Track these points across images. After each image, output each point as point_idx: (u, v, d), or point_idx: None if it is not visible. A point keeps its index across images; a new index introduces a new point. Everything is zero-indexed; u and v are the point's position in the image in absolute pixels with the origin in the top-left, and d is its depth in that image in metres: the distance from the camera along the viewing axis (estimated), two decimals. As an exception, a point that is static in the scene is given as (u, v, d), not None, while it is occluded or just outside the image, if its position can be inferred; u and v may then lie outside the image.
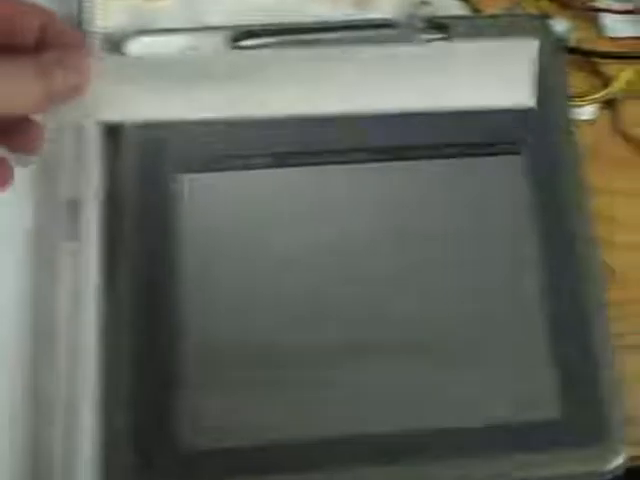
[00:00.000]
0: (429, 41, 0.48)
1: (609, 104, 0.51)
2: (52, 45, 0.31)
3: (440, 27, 0.48)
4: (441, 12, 0.50)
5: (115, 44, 0.47)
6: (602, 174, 0.48)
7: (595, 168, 0.47)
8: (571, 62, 0.51)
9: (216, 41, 0.47)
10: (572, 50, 0.51)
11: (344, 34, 0.48)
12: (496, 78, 0.33)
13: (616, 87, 0.50)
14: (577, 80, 0.51)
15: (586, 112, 0.51)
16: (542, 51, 0.46)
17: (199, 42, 0.47)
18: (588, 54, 0.52)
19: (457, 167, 0.45)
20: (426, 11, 0.49)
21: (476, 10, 0.52)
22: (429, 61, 0.33)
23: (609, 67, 0.52)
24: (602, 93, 0.50)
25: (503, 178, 0.45)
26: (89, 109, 0.32)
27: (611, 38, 0.53)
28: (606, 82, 0.51)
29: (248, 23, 0.48)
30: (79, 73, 0.31)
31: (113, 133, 0.44)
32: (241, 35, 0.47)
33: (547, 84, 0.45)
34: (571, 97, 0.49)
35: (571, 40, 0.51)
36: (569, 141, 0.46)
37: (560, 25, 0.50)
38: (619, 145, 0.51)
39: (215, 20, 0.51)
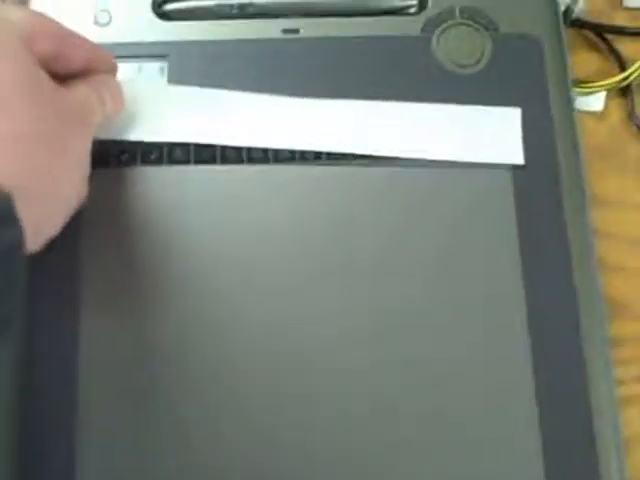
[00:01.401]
0: (402, 9, 0.40)
1: (623, 92, 0.44)
2: (94, 71, 0.33)
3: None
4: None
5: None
6: (612, 181, 0.41)
7: (603, 174, 0.41)
8: (577, 38, 0.44)
9: (136, 4, 0.39)
10: (579, 23, 0.43)
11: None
12: (487, 138, 0.37)
13: (633, 71, 0.43)
14: (584, 61, 0.44)
15: (594, 102, 0.43)
16: (542, 24, 0.39)
17: (116, 4, 0.39)
18: (599, 29, 0.44)
19: (439, 178, 0.37)
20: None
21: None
22: (430, 119, 0.37)
23: (625, 45, 0.44)
24: (615, 79, 0.43)
25: (485, 190, 0.37)
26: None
27: (629, 9, 0.45)
28: (621, 64, 0.44)
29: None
30: (118, 98, 0.34)
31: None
32: (162, -3, 0.39)
33: (544, 65, 0.38)
34: (575, 83, 0.41)
35: (578, 11, 0.43)
36: (569, 140, 0.38)
37: None
38: (634, 144, 0.42)
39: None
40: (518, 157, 0.37)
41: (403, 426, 0.34)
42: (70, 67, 0.32)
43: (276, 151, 0.36)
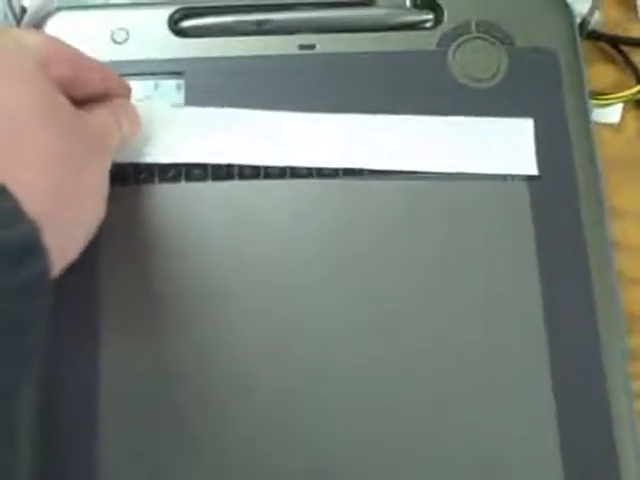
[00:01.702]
0: (418, 23, 0.39)
1: (639, 104, 0.43)
2: (110, 94, 0.33)
3: (432, 6, 0.40)
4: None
5: (37, 22, 0.39)
6: (629, 192, 0.41)
7: (620, 185, 0.40)
8: (594, 50, 0.44)
9: (153, 22, 0.39)
10: (595, 35, 0.43)
11: (308, 13, 0.39)
12: (499, 149, 0.37)
13: (651, 83, 0.42)
14: (600, 73, 0.43)
15: (610, 114, 0.43)
16: (558, 37, 0.39)
17: (133, 22, 0.39)
18: (615, 41, 0.44)
19: (450, 190, 0.37)
20: (414, -14, 0.40)
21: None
22: (442, 132, 0.37)
23: (643, 57, 0.44)
24: (632, 90, 0.42)
25: (502, 201, 0.37)
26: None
27: (646, 21, 0.45)
28: (637, 76, 0.44)
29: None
30: (134, 120, 0.34)
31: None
32: (181, 15, 0.39)
33: (560, 78, 0.38)
34: (592, 95, 0.40)
35: (594, 23, 0.42)
36: (587, 152, 0.37)
37: (581, 3, 0.42)
38: (653, 156, 0.42)
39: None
40: (532, 168, 0.37)
41: (417, 429, 0.33)
42: (87, 91, 0.32)
43: (293, 167, 0.36)
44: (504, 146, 0.37)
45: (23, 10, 0.42)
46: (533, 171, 0.37)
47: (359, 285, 0.35)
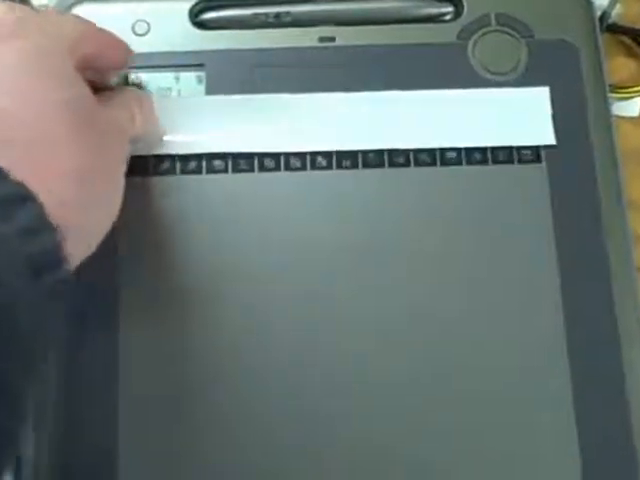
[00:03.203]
0: (437, 16, 0.39)
1: (659, 97, 0.43)
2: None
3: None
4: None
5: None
6: None
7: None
8: (614, 43, 0.43)
9: (174, 14, 0.39)
10: (615, 28, 0.43)
11: (327, 6, 0.39)
12: (516, 119, 0.37)
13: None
14: (619, 66, 0.43)
15: (630, 107, 0.43)
16: (578, 30, 0.38)
17: (154, 14, 0.39)
18: (637, 33, 0.44)
19: (468, 176, 0.37)
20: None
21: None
22: (458, 105, 0.37)
23: (663, 51, 0.44)
24: None
25: (520, 191, 0.36)
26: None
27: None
28: None
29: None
30: (149, 115, 0.35)
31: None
32: (201, 7, 0.39)
33: (580, 71, 0.37)
34: (611, 88, 0.40)
35: (615, 16, 0.42)
36: (606, 145, 0.37)
37: None
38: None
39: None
40: (549, 137, 0.37)
41: (438, 435, 0.34)
42: (109, 66, 0.32)
43: (314, 158, 0.36)
44: (520, 116, 0.37)
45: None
46: (550, 140, 0.37)
47: (382, 275, 0.35)
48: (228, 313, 0.35)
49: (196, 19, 0.39)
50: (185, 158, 0.36)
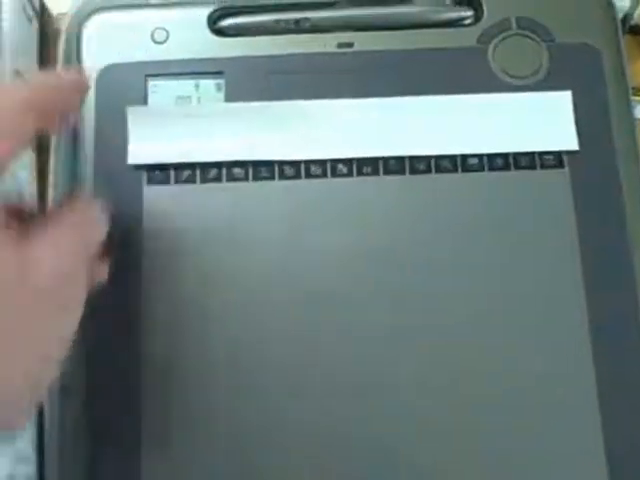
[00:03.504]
0: (456, 20, 0.38)
1: (682, 99, 0.42)
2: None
3: (471, 3, 0.39)
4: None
5: (79, 21, 0.39)
6: None
7: None
8: (636, 45, 0.42)
9: (193, 21, 0.39)
10: (637, 29, 0.42)
11: (346, 12, 0.39)
12: (539, 124, 0.37)
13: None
14: None
15: None
16: (600, 33, 0.38)
17: (173, 21, 0.39)
18: None
19: (489, 181, 0.36)
20: (453, -19, 0.39)
21: (517, -20, 0.42)
22: (479, 110, 0.37)
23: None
24: None
25: (543, 197, 0.36)
26: None
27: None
28: None
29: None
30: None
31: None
32: (219, 15, 0.39)
33: (602, 74, 0.37)
34: (635, 91, 0.39)
35: (637, 17, 0.42)
36: (630, 149, 0.37)
37: None
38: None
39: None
40: (572, 142, 0.36)
41: (464, 442, 0.34)
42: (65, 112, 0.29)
43: (334, 166, 0.36)
44: (543, 121, 0.37)
45: (42, 5, 0.43)
46: (574, 146, 0.36)
47: (404, 281, 0.35)
48: (250, 319, 0.35)
49: (215, 26, 0.39)
50: (205, 166, 0.36)
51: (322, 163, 0.36)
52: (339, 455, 0.33)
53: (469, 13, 0.39)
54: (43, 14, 0.42)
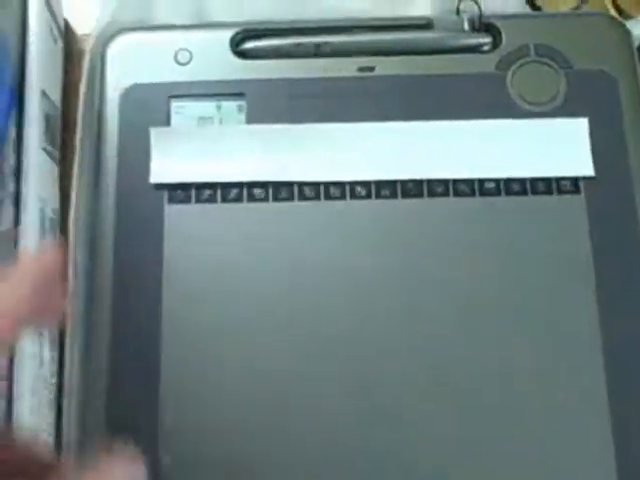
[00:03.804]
0: (475, 46, 0.39)
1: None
2: None
3: (489, 30, 0.40)
4: (491, 7, 0.40)
5: (103, 42, 0.39)
6: None
7: None
8: None
9: (215, 43, 0.40)
10: None
11: (367, 37, 0.39)
12: (555, 150, 0.37)
13: None
14: None
15: None
16: (616, 60, 0.38)
17: (196, 43, 0.39)
18: None
19: (506, 206, 0.37)
20: (472, 8, 0.40)
21: (535, 7, 0.43)
22: (497, 135, 0.37)
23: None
24: None
25: (559, 222, 0.36)
26: None
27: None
28: None
29: (252, 20, 0.40)
30: None
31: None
32: (241, 37, 0.39)
33: (619, 101, 0.37)
34: None
35: None
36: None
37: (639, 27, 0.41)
38: None
39: (218, 11, 0.43)
40: (588, 168, 0.37)
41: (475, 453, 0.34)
42: None
43: (353, 188, 0.37)
44: (559, 147, 0.37)
45: (67, 25, 0.43)
46: (589, 172, 0.37)
47: (421, 303, 0.35)
48: (266, 336, 0.35)
49: (237, 49, 0.39)
50: (226, 186, 0.37)
51: (341, 185, 0.37)
52: (346, 469, 0.34)
53: (488, 40, 0.39)
54: (67, 34, 0.43)
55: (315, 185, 0.37)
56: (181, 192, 0.37)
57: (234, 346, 0.35)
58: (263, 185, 0.37)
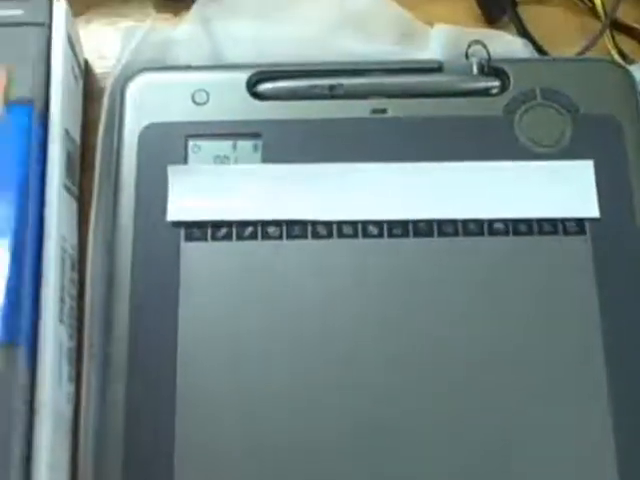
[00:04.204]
0: (483, 90, 0.40)
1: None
2: None
3: (497, 73, 0.41)
4: (499, 52, 0.42)
5: (123, 82, 0.41)
6: None
7: None
8: None
9: (232, 84, 0.41)
10: None
11: (379, 79, 0.40)
12: (560, 192, 0.38)
13: None
14: None
15: None
16: (620, 103, 0.40)
17: (213, 84, 0.40)
18: None
19: (514, 246, 0.38)
20: (480, 52, 0.41)
21: (542, 52, 0.44)
22: (505, 176, 0.38)
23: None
24: None
25: (565, 262, 0.37)
26: None
27: None
28: None
29: (268, 62, 0.41)
30: None
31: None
32: (257, 79, 0.41)
33: (624, 144, 0.39)
34: None
35: None
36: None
37: None
38: None
39: (235, 53, 0.44)
40: (593, 210, 0.38)
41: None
42: None
43: (365, 227, 0.38)
44: (566, 189, 0.38)
45: (87, 64, 0.45)
46: (595, 213, 0.37)
47: (431, 339, 0.36)
48: (281, 373, 0.36)
49: (253, 90, 0.40)
50: (241, 224, 0.38)
51: (354, 224, 0.38)
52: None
53: (496, 83, 0.41)
54: (87, 73, 0.44)
55: (328, 224, 0.38)
56: (197, 230, 0.37)
57: (249, 382, 0.35)
58: (278, 223, 0.38)
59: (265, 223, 0.38)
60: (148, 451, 0.35)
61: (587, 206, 0.38)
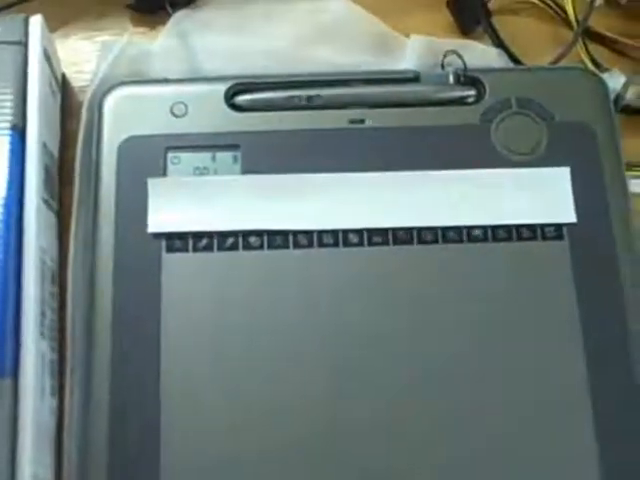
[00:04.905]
0: (460, 99, 0.41)
1: (674, 175, 0.44)
2: None
3: (473, 83, 0.41)
4: (474, 62, 0.42)
5: (101, 94, 0.41)
6: None
7: None
8: (628, 124, 0.44)
9: (210, 97, 0.41)
10: (629, 109, 0.44)
11: (357, 90, 0.41)
12: (537, 198, 0.39)
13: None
14: (634, 145, 0.43)
15: None
16: (595, 113, 0.40)
17: (191, 96, 0.41)
18: None
19: (494, 252, 0.38)
20: (456, 62, 0.42)
21: (516, 61, 0.45)
22: (484, 184, 0.39)
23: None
24: None
25: (544, 267, 0.38)
26: None
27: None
28: None
29: (245, 74, 0.42)
30: None
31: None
32: (235, 91, 0.41)
33: (598, 151, 0.39)
34: (628, 166, 0.41)
35: (628, 98, 0.44)
36: (623, 222, 0.39)
37: (615, 79, 0.44)
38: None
39: (212, 65, 0.44)
40: (570, 215, 0.38)
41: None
42: None
43: (345, 235, 0.38)
44: (543, 195, 0.39)
45: (64, 78, 0.45)
46: (571, 219, 0.38)
47: (413, 349, 0.36)
48: (264, 386, 0.36)
49: (231, 101, 0.41)
50: (222, 235, 0.38)
51: (334, 233, 0.38)
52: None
53: (472, 92, 0.41)
54: (65, 87, 0.44)
55: (309, 233, 0.38)
56: (178, 241, 0.37)
57: (233, 393, 0.36)
58: (258, 234, 0.38)
59: (246, 233, 0.38)
60: (132, 462, 0.34)
61: (564, 212, 0.38)
